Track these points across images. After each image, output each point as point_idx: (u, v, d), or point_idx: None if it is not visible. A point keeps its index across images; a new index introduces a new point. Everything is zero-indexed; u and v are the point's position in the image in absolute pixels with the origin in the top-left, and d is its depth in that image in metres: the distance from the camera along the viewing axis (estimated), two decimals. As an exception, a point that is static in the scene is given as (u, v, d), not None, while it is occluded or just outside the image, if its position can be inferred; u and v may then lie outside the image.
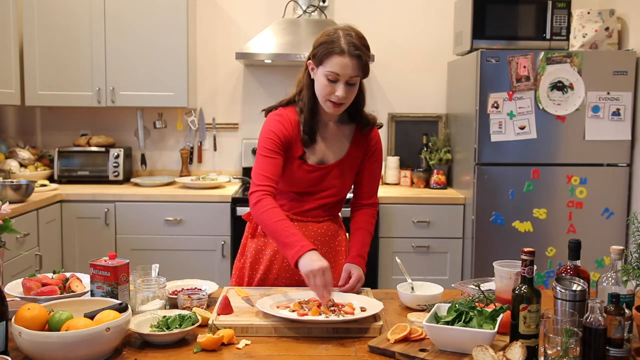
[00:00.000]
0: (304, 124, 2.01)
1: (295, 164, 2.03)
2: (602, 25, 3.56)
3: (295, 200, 2.09)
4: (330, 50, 1.87)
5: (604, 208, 3.52)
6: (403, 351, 1.48)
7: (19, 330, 1.38)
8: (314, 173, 2.04)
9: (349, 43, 1.87)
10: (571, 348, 1.32)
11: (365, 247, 2.09)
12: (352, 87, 1.92)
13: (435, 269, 3.73)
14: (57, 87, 3.96)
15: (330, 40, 1.88)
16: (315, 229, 2.11)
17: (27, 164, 4.07)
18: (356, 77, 1.90)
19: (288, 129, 1.99)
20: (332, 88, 1.89)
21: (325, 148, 2.06)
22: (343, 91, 1.89)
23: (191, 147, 4.37)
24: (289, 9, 4.14)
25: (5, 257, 2.88)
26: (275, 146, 1.97)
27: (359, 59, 1.87)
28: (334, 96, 1.90)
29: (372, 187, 2.18)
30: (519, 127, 3.48)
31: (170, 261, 3.62)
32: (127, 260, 1.74)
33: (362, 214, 2.15)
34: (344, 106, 1.96)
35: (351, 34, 1.89)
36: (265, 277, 2.11)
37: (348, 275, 1.97)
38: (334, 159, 2.07)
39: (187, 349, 1.53)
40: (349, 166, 2.09)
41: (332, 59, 1.87)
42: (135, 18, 3.92)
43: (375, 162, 2.15)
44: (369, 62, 1.92)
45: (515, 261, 1.74)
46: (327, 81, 1.89)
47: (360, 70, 1.89)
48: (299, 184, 2.05)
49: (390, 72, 4.33)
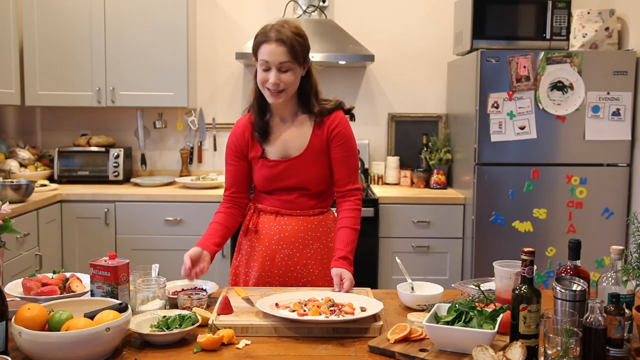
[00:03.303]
0: (254, 122, 2.11)
1: (259, 163, 2.11)
2: (602, 25, 3.56)
3: (276, 195, 2.14)
4: (261, 40, 1.99)
5: (604, 208, 3.52)
6: (403, 351, 1.48)
7: (19, 330, 1.38)
8: (277, 167, 2.09)
9: (277, 32, 1.97)
10: (571, 348, 1.32)
11: (348, 246, 2.05)
12: (286, 73, 1.98)
13: (435, 269, 3.73)
14: (57, 87, 3.96)
15: (262, 32, 2.00)
16: (305, 223, 2.13)
17: (27, 164, 4.07)
18: (287, 63, 1.97)
19: (239, 135, 2.14)
20: (266, 76, 1.99)
21: (284, 142, 2.10)
22: (275, 77, 1.97)
23: (191, 147, 4.37)
24: (289, 9, 4.15)
25: (5, 257, 2.88)
26: (229, 157, 2.17)
27: (285, 44, 1.95)
28: (269, 83, 1.98)
29: (344, 173, 2.12)
30: (519, 127, 3.48)
31: (170, 261, 3.60)
32: (127, 260, 1.75)
33: (342, 208, 2.13)
34: (284, 93, 2.01)
35: (284, 25, 1.99)
36: (261, 273, 2.12)
37: (340, 279, 1.95)
38: (296, 152, 2.09)
39: (187, 349, 1.53)
40: (314, 156, 2.09)
41: (261, 48, 1.98)
42: (135, 18, 3.92)
43: (339, 147, 2.10)
44: (300, 49, 1.98)
45: (515, 261, 1.74)
46: (262, 71, 2.00)
47: (289, 56, 1.96)
48: (267, 180, 2.12)
49: (390, 72, 4.33)
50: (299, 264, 2.12)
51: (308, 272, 2.13)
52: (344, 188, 2.13)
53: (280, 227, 2.13)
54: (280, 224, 2.13)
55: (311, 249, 2.13)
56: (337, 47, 3.86)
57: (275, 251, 2.12)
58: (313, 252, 2.13)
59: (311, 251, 2.13)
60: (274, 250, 2.12)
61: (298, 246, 2.12)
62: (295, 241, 2.12)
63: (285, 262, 2.12)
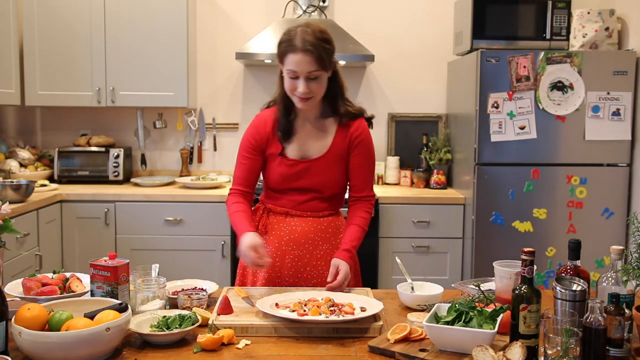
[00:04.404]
0: (278, 121, 2.08)
1: (277, 161, 2.09)
2: (602, 25, 3.56)
3: (289, 195, 2.12)
4: (286, 49, 1.95)
5: (604, 208, 3.52)
6: (403, 351, 1.48)
7: (19, 330, 1.38)
8: (296, 167, 2.08)
9: (303, 40, 1.92)
10: (571, 348, 1.32)
11: (354, 241, 2.07)
12: (314, 81, 1.96)
13: (435, 269, 3.73)
14: (57, 87, 3.96)
15: (288, 39, 1.95)
16: (315, 224, 2.13)
17: (27, 164, 4.07)
18: (316, 72, 1.94)
19: (261, 131, 2.10)
20: (294, 84, 1.96)
21: (306, 143, 2.09)
22: (303, 87, 1.94)
23: (191, 147, 4.37)
24: (289, 9, 4.14)
25: (5, 257, 2.88)
26: (247, 151, 2.11)
27: (312, 54, 1.91)
28: (297, 92, 1.96)
29: (362, 179, 2.15)
30: (519, 127, 3.48)
31: (170, 261, 3.62)
32: (127, 260, 1.75)
33: (355, 209, 2.15)
34: (312, 100, 2.00)
35: (308, 30, 1.94)
36: (271, 274, 2.11)
37: (336, 270, 1.97)
38: (316, 153, 2.09)
39: (187, 349, 1.53)
40: (333, 160, 2.09)
41: (288, 57, 1.94)
42: (135, 18, 3.92)
43: (361, 154, 2.12)
44: (326, 56, 1.96)
45: (515, 261, 1.74)
46: (289, 78, 1.97)
47: (317, 65, 1.93)
48: (284, 179, 2.10)
49: (390, 72, 4.33)
50: (309, 265, 2.12)
51: (318, 273, 2.12)
52: (359, 194, 2.16)
53: (290, 228, 2.12)
54: (290, 225, 2.12)
55: (321, 250, 2.13)
56: (337, 47, 3.83)
57: (285, 252, 2.11)
58: (323, 254, 2.13)
59: (321, 252, 2.13)
60: (284, 252, 2.11)
61: (308, 247, 2.12)
62: (305, 242, 2.11)
63: (295, 263, 2.11)
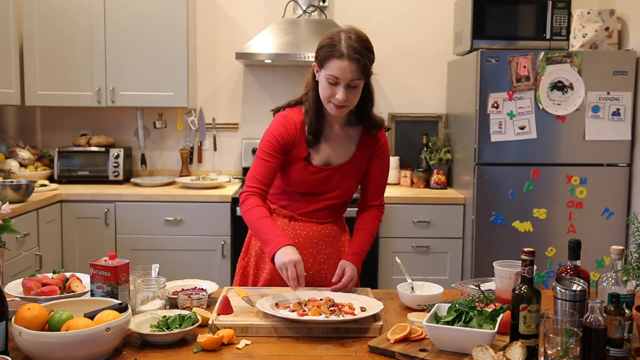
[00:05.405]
0: (309, 124, 2.02)
1: (300, 165, 2.04)
2: (602, 25, 3.55)
3: (301, 201, 2.10)
4: (330, 53, 1.88)
5: (604, 208, 3.52)
6: (403, 351, 1.48)
7: (19, 330, 1.38)
8: (319, 174, 2.05)
9: (349, 46, 1.87)
10: (571, 348, 1.32)
11: (364, 246, 2.09)
12: (353, 89, 1.92)
13: (435, 269, 3.72)
14: (57, 87, 3.96)
15: (331, 44, 1.89)
16: (318, 230, 2.12)
17: (27, 164, 4.07)
18: (357, 80, 1.90)
19: (290, 132, 2.02)
20: (333, 91, 1.91)
21: (330, 149, 2.06)
22: (343, 94, 1.89)
23: (191, 147, 4.37)
24: (289, 9, 4.14)
25: (5, 257, 2.88)
26: (273, 150, 2.00)
27: (358, 62, 1.87)
28: (335, 99, 1.91)
29: (378, 189, 2.17)
30: (519, 127, 3.48)
31: (170, 261, 3.62)
32: (127, 260, 1.75)
33: (367, 215, 2.16)
34: (346, 108, 1.97)
35: (352, 37, 1.89)
36: (272, 277, 2.10)
37: (342, 272, 1.97)
38: (339, 160, 2.07)
39: (187, 349, 1.53)
40: (354, 168, 2.09)
41: (331, 63, 1.88)
42: (135, 18, 3.92)
43: (381, 164, 2.14)
44: (369, 65, 1.91)
45: (515, 261, 1.74)
46: (328, 84, 1.91)
47: (360, 73, 1.89)
48: (304, 184, 2.06)
49: (390, 72, 4.33)
50: (312, 269, 2.10)
51: (321, 277, 2.12)
52: (374, 202, 2.17)
53: (295, 232, 2.10)
54: (294, 229, 2.11)
55: (324, 254, 2.13)
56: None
57: None
58: (326, 257, 2.13)
59: (324, 256, 2.13)
60: None
61: (312, 252, 2.11)
62: (310, 247, 2.10)
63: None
